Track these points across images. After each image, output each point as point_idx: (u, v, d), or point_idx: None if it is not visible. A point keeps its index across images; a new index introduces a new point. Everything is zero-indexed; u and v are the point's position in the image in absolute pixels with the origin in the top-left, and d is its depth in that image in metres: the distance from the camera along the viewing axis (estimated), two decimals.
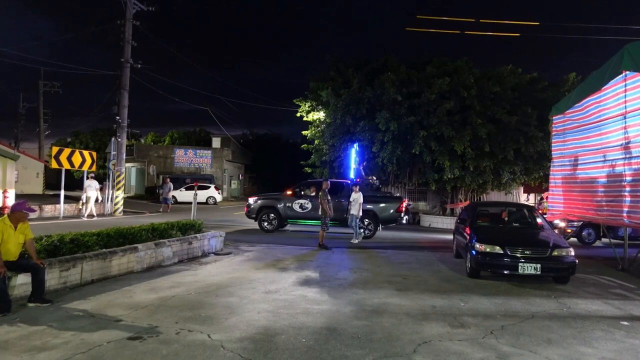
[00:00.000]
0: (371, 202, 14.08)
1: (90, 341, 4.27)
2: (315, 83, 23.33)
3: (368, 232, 14.13)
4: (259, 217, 14.66)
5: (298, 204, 14.41)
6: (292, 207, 14.41)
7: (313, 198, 14.24)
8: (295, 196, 14.61)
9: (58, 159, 16.92)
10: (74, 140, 49.81)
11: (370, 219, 14.13)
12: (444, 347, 4.41)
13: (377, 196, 14.97)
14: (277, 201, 14.74)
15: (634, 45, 7.55)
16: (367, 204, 13.68)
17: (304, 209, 14.35)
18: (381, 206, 14.37)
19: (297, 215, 14.46)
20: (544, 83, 21.24)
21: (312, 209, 14.10)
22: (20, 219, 5.47)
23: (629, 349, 4.57)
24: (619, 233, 12.55)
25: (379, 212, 14.31)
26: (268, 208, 14.73)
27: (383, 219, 14.46)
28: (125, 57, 19.53)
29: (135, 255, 7.55)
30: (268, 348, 4.23)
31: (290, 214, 14.50)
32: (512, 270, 7.40)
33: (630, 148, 8.66)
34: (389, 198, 15.23)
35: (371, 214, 14.15)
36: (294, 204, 14.41)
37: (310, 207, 14.19)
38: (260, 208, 14.74)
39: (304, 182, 16.07)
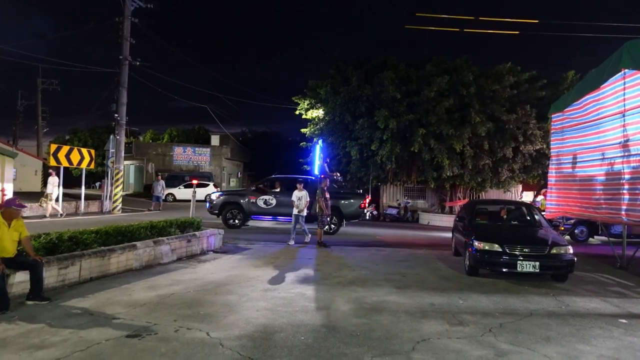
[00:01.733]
0: (335, 199, 13.90)
1: (88, 339, 4.26)
2: (315, 81, 23.32)
3: (330, 229, 13.86)
4: (222, 213, 14.57)
5: (263, 200, 14.38)
6: (257, 203, 14.40)
7: (278, 194, 14.33)
8: (259, 192, 14.60)
9: (56, 156, 16.88)
10: (72, 137, 49.74)
11: (334, 215, 14.01)
12: (443, 345, 4.42)
13: (341, 192, 14.92)
14: (240, 197, 14.80)
15: (633, 44, 7.56)
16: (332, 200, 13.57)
17: (269, 205, 14.34)
18: (345, 202, 14.44)
19: (262, 211, 14.45)
20: (543, 81, 21.26)
21: (276, 205, 14.22)
22: (12, 216, 5.45)
23: (627, 346, 4.58)
24: (612, 231, 12.62)
25: (343, 208, 14.36)
26: (232, 204, 14.67)
27: (347, 215, 14.51)
28: (124, 55, 19.48)
29: (134, 253, 7.54)
30: (267, 346, 4.23)
31: (255, 209, 14.46)
32: (511, 268, 7.41)
33: (628, 146, 8.67)
34: (353, 194, 15.36)
35: (335, 210, 14.00)
36: (258, 200, 14.40)
37: (275, 203, 14.26)
38: (224, 204, 14.68)
39: (268, 177, 15.99)
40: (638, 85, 8.42)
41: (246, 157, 48.18)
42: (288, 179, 15.54)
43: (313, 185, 13.89)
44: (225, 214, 14.54)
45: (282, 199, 13.92)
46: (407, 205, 23.08)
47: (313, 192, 12.84)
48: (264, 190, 14.72)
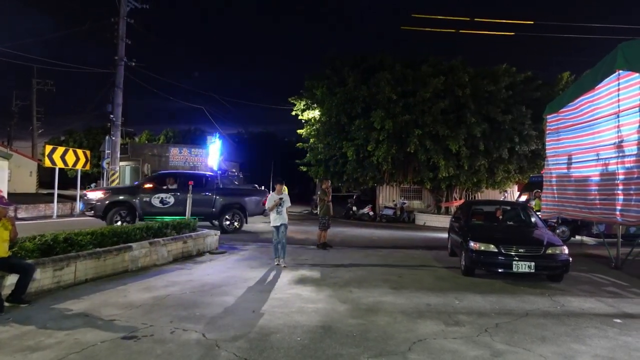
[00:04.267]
0: (239, 196, 13.92)
1: (84, 341, 4.24)
2: (311, 81, 23.30)
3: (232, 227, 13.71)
4: (108, 215, 12.53)
5: (158, 198, 12.89)
6: (151, 202, 12.84)
7: (175, 191, 13.08)
8: (154, 190, 13.09)
9: (52, 157, 16.81)
10: (67, 138, 49.47)
11: (238, 211, 13.76)
12: (439, 345, 4.43)
13: (244, 189, 14.70)
14: (132, 196, 13.00)
15: (627, 45, 7.60)
16: (235, 197, 13.69)
17: (166, 204, 12.92)
18: (248, 199, 14.09)
19: (158, 211, 12.80)
20: (538, 82, 21.33)
21: (174, 203, 12.85)
22: (0, 215, 5.41)
23: (622, 346, 4.61)
24: (593, 231, 12.74)
25: (247, 205, 13.97)
26: (120, 204, 12.85)
27: (250, 212, 14.11)
28: (120, 55, 19.42)
29: (129, 255, 7.51)
30: (263, 347, 4.22)
31: (149, 209, 12.85)
32: (507, 268, 7.44)
33: (623, 147, 8.72)
34: (256, 191, 15.06)
35: (239, 207, 13.76)
36: (153, 199, 12.86)
37: (173, 201, 12.90)
38: (111, 204, 12.73)
39: (161, 172, 14.92)
40: (632, 87, 8.47)
41: (242, 157, 48.13)
42: (187, 175, 14.77)
43: (212, 181, 13.55)
44: (112, 216, 12.52)
45: (182, 197, 12.63)
46: (404, 205, 23.11)
47: (212, 189, 12.57)
48: (158, 187, 13.20)
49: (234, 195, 13.64)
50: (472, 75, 20.20)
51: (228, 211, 13.55)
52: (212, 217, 13.14)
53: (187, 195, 11.51)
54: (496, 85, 19.86)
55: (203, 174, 14.53)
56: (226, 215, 13.47)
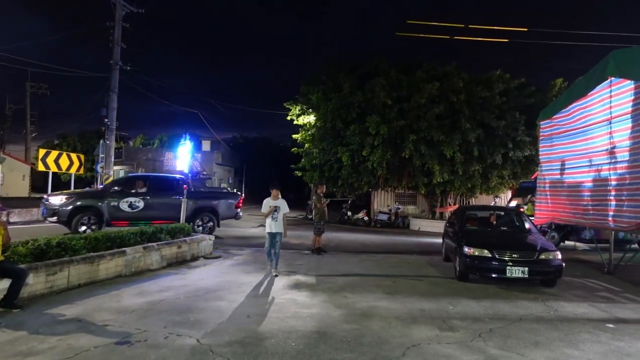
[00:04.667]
0: (211, 199, 13.55)
1: (77, 346, 4.22)
2: (306, 87, 23.37)
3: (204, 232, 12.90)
4: (73, 221, 11.64)
5: (127, 202, 12.20)
6: (120, 206, 12.12)
7: (145, 195, 12.49)
8: (123, 194, 12.40)
9: (45, 161, 16.72)
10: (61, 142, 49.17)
11: (210, 215, 13.27)
12: (433, 350, 4.44)
13: (216, 192, 14.33)
14: (98, 199, 12.18)
15: (619, 52, 7.69)
16: (207, 200, 13.31)
17: (135, 208, 12.25)
18: (221, 202, 13.67)
19: (127, 216, 12.15)
20: (532, 88, 21.51)
21: (144, 207, 12.29)
22: None
23: (614, 351, 4.64)
24: (582, 236, 12.84)
25: (219, 208, 13.55)
26: (86, 209, 11.93)
27: (223, 215, 13.68)
28: (115, 59, 19.39)
29: (123, 259, 7.47)
30: (257, 352, 4.22)
31: (118, 214, 12.09)
32: (501, 273, 7.47)
33: (615, 153, 8.80)
34: (228, 194, 14.81)
35: (211, 211, 13.31)
36: (121, 203, 12.15)
37: (143, 205, 12.29)
38: (76, 209, 11.80)
39: (130, 175, 14.39)
40: (624, 94, 8.57)
41: (237, 162, 48.10)
42: (157, 178, 14.32)
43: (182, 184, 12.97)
44: (77, 222, 11.66)
45: (152, 202, 12.38)
46: (398, 211, 23.15)
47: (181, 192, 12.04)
48: (127, 191, 12.55)
49: (206, 198, 13.20)
50: (466, 81, 20.35)
51: (200, 215, 13.03)
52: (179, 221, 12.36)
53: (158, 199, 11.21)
54: (490, 92, 20.01)
55: (173, 177, 14.00)
56: (198, 220, 12.92)
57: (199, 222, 12.92)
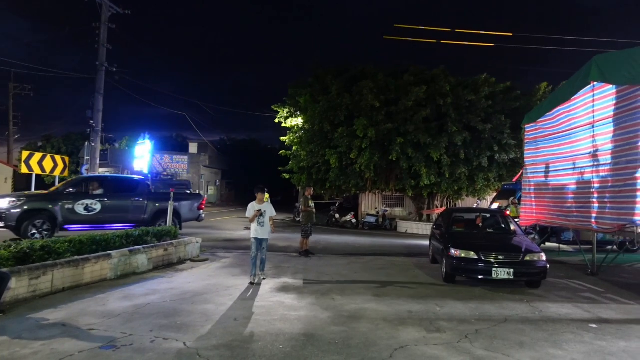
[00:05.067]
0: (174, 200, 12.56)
1: (61, 351, 4.16)
2: (294, 89, 23.39)
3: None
4: (23, 225, 10.71)
5: (83, 205, 11.43)
6: (75, 209, 11.34)
7: (102, 197, 11.76)
8: (78, 195, 11.60)
9: (28, 163, 16.40)
10: (45, 144, 48.40)
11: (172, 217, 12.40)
12: (420, 352, 4.46)
13: (177, 193, 13.72)
14: (50, 202, 11.33)
15: (601, 58, 7.86)
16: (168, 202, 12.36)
17: (92, 211, 11.52)
18: (183, 204, 13.28)
19: (84, 219, 11.45)
20: (517, 92, 21.79)
21: (101, 210, 11.58)
22: None
23: (597, 350, 4.72)
24: (563, 237, 13.03)
25: (182, 209, 13.14)
26: (37, 212, 11.10)
27: (185, 217, 13.33)
28: (100, 61, 19.19)
29: (108, 262, 7.39)
30: (245, 355, 4.20)
31: (73, 217, 11.36)
32: (486, 275, 7.55)
33: (598, 156, 8.97)
34: (191, 195, 14.47)
35: (173, 212, 12.42)
36: (76, 206, 11.36)
37: (100, 208, 11.55)
38: (26, 213, 10.89)
39: (86, 176, 13.66)
40: (606, 98, 8.74)
41: (225, 164, 47.86)
42: (115, 179, 13.85)
43: (143, 185, 12.72)
44: (26, 227, 10.73)
45: (110, 204, 11.75)
46: (386, 213, 23.26)
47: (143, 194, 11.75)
48: (82, 193, 11.76)
49: (167, 200, 12.35)
50: (453, 85, 20.55)
51: (161, 217, 12.42)
52: (143, 223, 11.88)
53: (117, 201, 10.88)
54: (476, 95, 20.23)
55: (131, 178, 13.57)
56: (159, 222, 12.32)
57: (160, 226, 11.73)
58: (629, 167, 7.96)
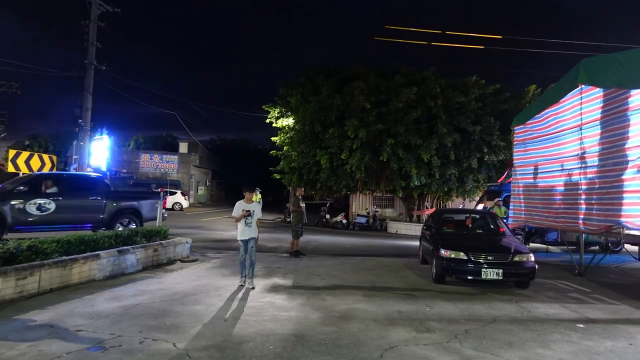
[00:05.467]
0: (132, 199, 12.40)
1: (48, 352, 4.10)
2: (285, 89, 23.39)
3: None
4: None
5: (35, 204, 10.51)
6: (26, 209, 10.41)
7: (57, 196, 10.83)
8: (30, 194, 10.64)
9: (15, 162, 16.18)
10: (32, 143, 47.81)
11: (132, 217, 12.10)
12: (410, 352, 4.48)
13: (138, 192, 13.37)
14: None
15: (588, 61, 7.96)
16: (128, 201, 12.22)
17: (45, 211, 10.61)
18: (144, 202, 12.53)
19: (36, 220, 10.52)
20: (506, 94, 22.02)
21: (56, 210, 10.64)
22: None
23: (584, 350, 4.78)
24: (547, 238, 13.19)
25: (143, 208, 12.43)
26: None
27: (146, 217, 12.53)
28: (89, 59, 18.97)
29: (97, 263, 7.31)
30: (235, 356, 4.18)
31: (24, 218, 10.41)
32: (476, 275, 7.60)
33: (585, 158, 9.09)
34: (152, 194, 13.72)
35: (133, 212, 12.16)
36: (28, 205, 10.43)
37: (54, 208, 10.63)
38: None
39: (39, 174, 12.63)
40: (593, 101, 8.87)
41: (215, 164, 47.67)
42: (71, 176, 12.99)
43: (101, 183, 12.04)
44: None
45: (65, 203, 10.86)
46: (376, 214, 23.33)
47: (101, 192, 11.26)
48: (35, 191, 10.81)
49: (126, 198, 12.11)
50: (443, 87, 20.70)
51: (120, 217, 11.80)
52: (102, 224, 11.28)
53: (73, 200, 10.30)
54: (466, 97, 20.41)
55: (88, 175, 12.88)
56: (118, 222, 11.68)
57: (119, 226, 11.51)
58: (615, 169, 8.08)
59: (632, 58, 7.35)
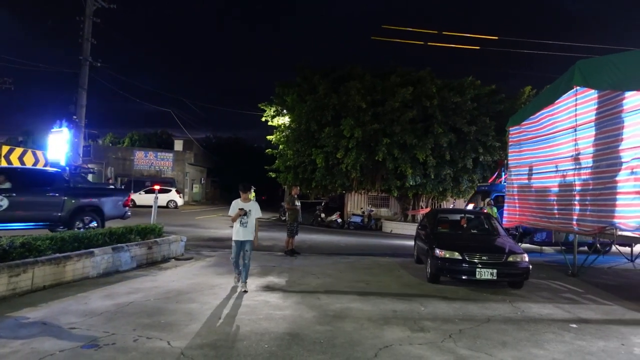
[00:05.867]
0: (94, 196, 11.61)
1: (41, 350, 4.08)
2: (281, 88, 23.35)
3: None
4: None
5: None
6: None
7: (10, 192, 10.02)
8: None
9: (8, 158, 16.08)
10: (26, 139, 47.47)
11: (94, 215, 11.35)
12: (405, 351, 4.49)
13: (100, 189, 12.73)
14: None
15: (584, 63, 7.99)
16: (89, 198, 11.44)
17: None
18: (106, 200, 11.82)
19: None
20: (502, 95, 22.09)
21: (8, 207, 9.84)
22: None
23: (577, 350, 4.81)
24: (536, 238, 13.27)
25: (105, 206, 11.70)
26: None
27: (109, 215, 11.87)
28: (84, 55, 18.83)
29: (91, 260, 7.27)
30: (229, 354, 4.17)
31: None
32: (470, 275, 7.63)
33: (579, 159, 9.14)
34: (115, 191, 13.13)
35: (95, 210, 11.41)
36: None
37: (6, 204, 9.83)
38: None
39: None
40: (588, 102, 8.91)
41: (210, 162, 47.52)
42: (26, 171, 12.24)
43: (60, 179, 11.19)
44: None
45: (19, 200, 10.06)
46: (371, 213, 23.36)
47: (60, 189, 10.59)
48: None
49: (87, 195, 11.35)
50: (439, 87, 20.73)
51: (81, 215, 11.04)
52: (60, 222, 10.60)
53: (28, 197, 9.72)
54: (462, 97, 20.45)
55: (45, 171, 12.13)
56: (78, 220, 10.95)
57: (79, 224, 10.87)
58: (609, 170, 8.13)
59: (627, 60, 7.39)
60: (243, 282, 6.93)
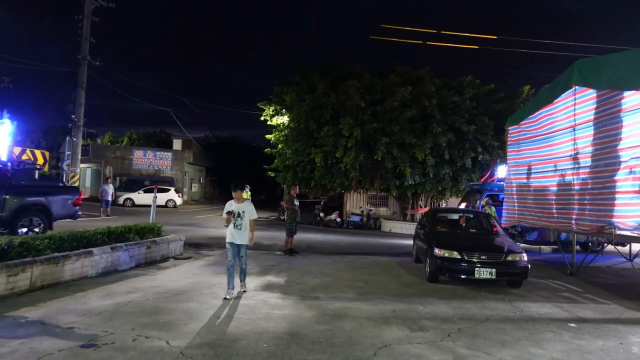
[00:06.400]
0: (40, 194, 10.74)
1: (40, 349, 4.07)
2: (280, 87, 23.32)
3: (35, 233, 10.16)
4: None
5: None
6: None
7: None
8: None
9: None
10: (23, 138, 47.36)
11: (40, 215, 10.57)
12: (404, 350, 4.50)
13: (47, 187, 11.89)
14: None
15: (583, 62, 8.00)
16: (34, 197, 10.58)
17: None
18: (54, 198, 11.01)
19: None
20: (501, 95, 22.08)
21: None
22: None
23: (576, 349, 4.82)
24: (527, 238, 13.28)
25: (52, 205, 10.90)
26: None
27: (57, 215, 11.07)
28: (83, 54, 18.83)
29: (89, 260, 7.26)
30: (229, 354, 4.17)
31: None
32: (469, 274, 7.64)
33: (578, 159, 9.15)
34: (64, 189, 12.43)
35: (41, 209, 10.63)
36: None
37: None
38: None
39: None
40: (587, 102, 8.92)
41: (209, 162, 47.46)
42: None
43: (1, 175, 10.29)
44: None
45: None
46: (370, 212, 23.35)
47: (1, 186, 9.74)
48: None
49: (32, 194, 10.51)
50: (438, 86, 20.73)
51: (24, 215, 10.22)
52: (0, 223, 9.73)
53: None
54: (461, 97, 20.44)
55: None
56: (22, 221, 10.11)
57: (24, 224, 10.13)
58: (608, 169, 8.14)
59: (626, 60, 7.40)
60: (242, 282, 6.82)
